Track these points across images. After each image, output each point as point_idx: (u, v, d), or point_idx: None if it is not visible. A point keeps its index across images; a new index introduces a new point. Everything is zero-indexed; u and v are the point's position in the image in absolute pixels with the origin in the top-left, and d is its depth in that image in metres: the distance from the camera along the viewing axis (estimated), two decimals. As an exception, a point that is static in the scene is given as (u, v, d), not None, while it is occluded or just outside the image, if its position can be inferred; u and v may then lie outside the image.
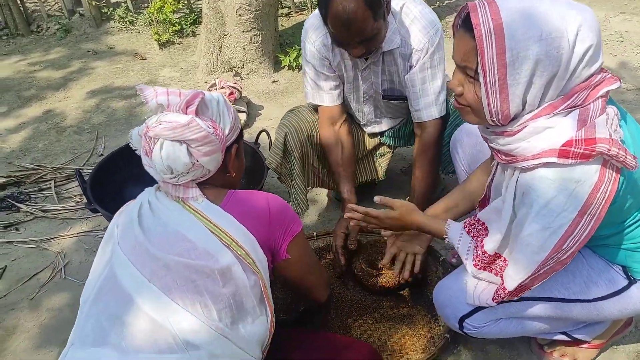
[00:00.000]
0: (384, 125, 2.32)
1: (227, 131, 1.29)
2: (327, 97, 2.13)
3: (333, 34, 1.80)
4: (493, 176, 1.49)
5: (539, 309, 1.49)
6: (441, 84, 2.00)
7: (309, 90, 2.16)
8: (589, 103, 1.17)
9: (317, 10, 1.92)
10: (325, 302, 1.87)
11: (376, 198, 1.67)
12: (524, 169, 1.24)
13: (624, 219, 1.34)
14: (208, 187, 1.31)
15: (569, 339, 1.67)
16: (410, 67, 1.98)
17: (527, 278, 1.31)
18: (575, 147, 1.13)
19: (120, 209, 1.38)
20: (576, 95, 1.16)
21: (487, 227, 1.46)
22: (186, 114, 1.22)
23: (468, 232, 1.50)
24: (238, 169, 1.40)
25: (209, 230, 1.21)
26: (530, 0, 1.13)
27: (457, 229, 1.55)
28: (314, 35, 2.01)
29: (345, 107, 2.21)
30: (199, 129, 1.19)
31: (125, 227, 1.27)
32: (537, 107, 1.19)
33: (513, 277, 1.33)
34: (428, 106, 2.01)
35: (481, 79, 1.17)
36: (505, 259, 1.39)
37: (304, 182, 2.29)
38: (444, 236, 1.58)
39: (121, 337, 1.16)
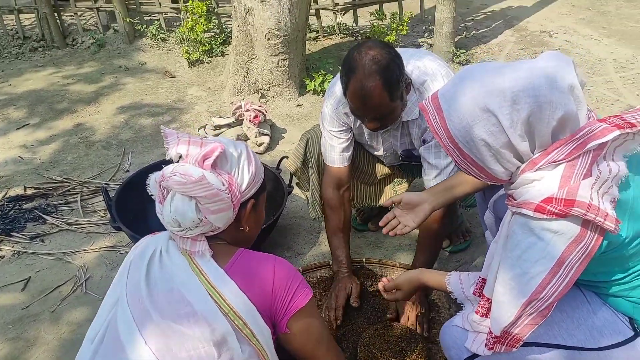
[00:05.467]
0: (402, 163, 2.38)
1: (244, 187, 1.26)
2: (338, 158, 2.18)
3: (350, 106, 1.90)
4: None
5: (542, 355, 1.49)
6: (452, 161, 2.04)
7: (323, 150, 2.22)
8: (576, 157, 1.19)
9: (338, 79, 2.02)
10: None
11: (382, 287, 1.85)
12: (513, 212, 1.30)
13: (626, 270, 1.35)
14: (218, 243, 1.28)
15: (577, 388, 1.67)
16: (424, 142, 2.06)
17: (511, 324, 1.33)
18: (551, 206, 1.17)
19: (138, 243, 1.37)
20: (556, 150, 1.20)
21: None
22: (202, 167, 1.20)
23: (479, 295, 1.52)
24: (254, 224, 1.37)
25: (210, 295, 1.18)
26: (461, 85, 1.25)
27: (456, 279, 1.62)
28: (335, 102, 2.10)
29: (351, 172, 2.28)
30: (208, 187, 1.16)
31: (134, 276, 1.26)
32: (523, 163, 1.25)
33: (497, 320, 1.35)
34: (438, 177, 2.05)
35: (453, 161, 1.33)
36: None
37: (320, 192, 2.35)
38: (448, 289, 1.63)
39: None
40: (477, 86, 1.22)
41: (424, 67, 2.01)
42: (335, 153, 2.17)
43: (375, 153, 2.31)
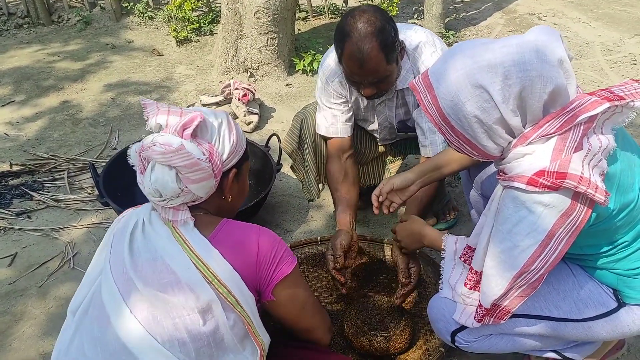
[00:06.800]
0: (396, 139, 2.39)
1: (225, 156, 1.26)
2: (342, 129, 2.18)
3: (347, 72, 1.88)
4: None
5: (529, 326, 1.54)
6: None
7: (322, 122, 2.20)
8: (567, 130, 1.20)
9: (332, 53, 2.02)
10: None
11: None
12: (505, 186, 1.32)
13: (612, 242, 1.38)
14: (201, 214, 1.28)
15: (560, 358, 1.71)
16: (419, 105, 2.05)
17: (501, 297, 1.36)
18: (544, 179, 1.20)
19: (120, 216, 1.37)
20: (547, 124, 1.21)
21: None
22: (182, 136, 1.19)
23: (465, 262, 1.56)
24: (238, 193, 1.37)
25: (194, 264, 1.19)
26: (452, 62, 1.24)
27: (452, 239, 1.65)
28: (331, 75, 2.09)
29: (353, 140, 2.26)
30: (187, 156, 1.16)
31: (117, 247, 1.26)
32: (514, 138, 1.26)
33: (487, 294, 1.39)
34: (434, 143, 2.09)
35: (444, 137, 1.33)
36: None
37: (316, 172, 2.34)
38: (442, 247, 1.66)
39: None
40: (468, 63, 1.22)
41: (415, 34, 2.02)
42: (339, 123, 2.17)
43: (370, 128, 2.30)
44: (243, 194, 1.41)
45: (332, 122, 2.17)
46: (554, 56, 1.19)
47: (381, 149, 2.45)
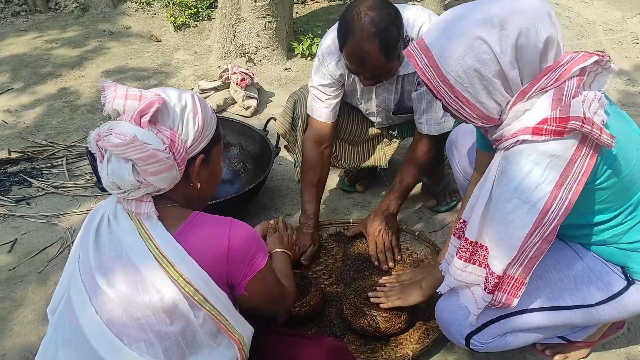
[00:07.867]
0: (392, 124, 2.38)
1: (189, 142, 1.16)
2: (324, 113, 2.16)
3: (346, 63, 1.89)
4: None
5: (543, 319, 1.51)
6: None
7: (309, 100, 2.20)
8: (563, 82, 1.23)
9: (332, 32, 1.99)
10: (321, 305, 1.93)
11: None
12: (506, 148, 1.30)
13: (616, 210, 1.37)
14: (169, 206, 1.21)
15: (565, 342, 1.70)
16: (419, 84, 2.06)
17: (514, 260, 1.32)
18: (548, 125, 1.20)
19: (95, 207, 1.30)
20: (545, 77, 1.24)
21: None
22: (139, 124, 1.10)
23: (459, 238, 1.50)
24: (208, 179, 1.28)
25: (158, 261, 1.13)
26: (448, 22, 1.27)
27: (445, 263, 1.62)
28: (329, 58, 2.07)
29: (334, 130, 2.25)
30: (142, 148, 1.07)
31: (85, 243, 1.20)
32: (513, 96, 1.27)
33: (499, 259, 1.34)
34: (429, 121, 2.09)
35: (443, 102, 1.33)
36: (486, 248, 1.39)
37: None
38: (443, 275, 1.61)
39: None
40: (463, 19, 1.24)
41: (418, 14, 2.01)
42: (322, 107, 2.15)
43: (367, 112, 2.29)
44: (214, 179, 1.32)
45: (316, 104, 2.16)
46: (544, 8, 1.23)
47: (376, 131, 2.43)
